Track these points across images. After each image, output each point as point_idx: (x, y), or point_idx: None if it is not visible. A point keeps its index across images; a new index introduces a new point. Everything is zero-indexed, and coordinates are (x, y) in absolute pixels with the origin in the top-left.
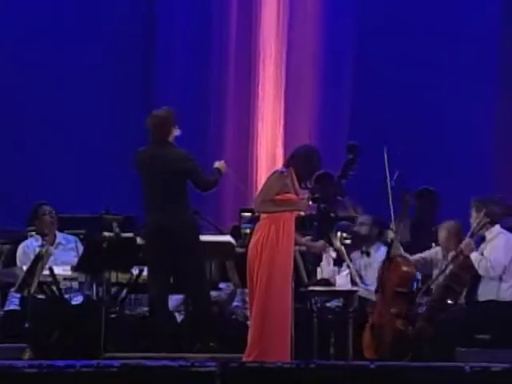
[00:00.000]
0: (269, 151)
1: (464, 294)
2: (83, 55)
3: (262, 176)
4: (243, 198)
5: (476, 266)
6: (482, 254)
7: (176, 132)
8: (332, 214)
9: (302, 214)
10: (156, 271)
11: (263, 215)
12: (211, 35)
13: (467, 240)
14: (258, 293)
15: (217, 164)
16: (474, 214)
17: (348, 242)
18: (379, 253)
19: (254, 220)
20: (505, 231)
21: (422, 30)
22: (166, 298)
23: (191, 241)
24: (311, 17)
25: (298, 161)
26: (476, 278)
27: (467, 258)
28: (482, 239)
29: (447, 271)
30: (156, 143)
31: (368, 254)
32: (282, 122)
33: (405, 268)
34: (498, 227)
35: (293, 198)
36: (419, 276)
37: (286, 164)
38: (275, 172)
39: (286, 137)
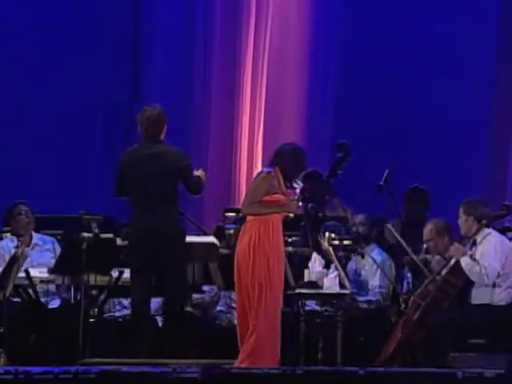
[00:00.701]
0: (250, 152)
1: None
2: (66, 53)
3: (244, 177)
4: (227, 198)
5: (467, 273)
6: (473, 258)
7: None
8: (320, 214)
9: (291, 215)
10: (140, 274)
11: (250, 217)
12: (195, 38)
13: (456, 245)
14: (251, 297)
15: (196, 172)
16: (463, 216)
17: (336, 242)
18: (372, 255)
19: (238, 220)
20: (494, 231)
21: (409, 28)
22: (149, 302)
23: (179, 244)
24: (295, 18)
25: (284, 159)
26: (469, 281)
27: (458, 261)
28: (473, 243)
29: (439, 275)
30: (147, 141)
31: (362, 256)
32: (261, 127)
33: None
34: (487, 228)
35: (282, 199)
36: (410, 278)
37: (271, 163)
38: (261, 172)
39: (265, 137)
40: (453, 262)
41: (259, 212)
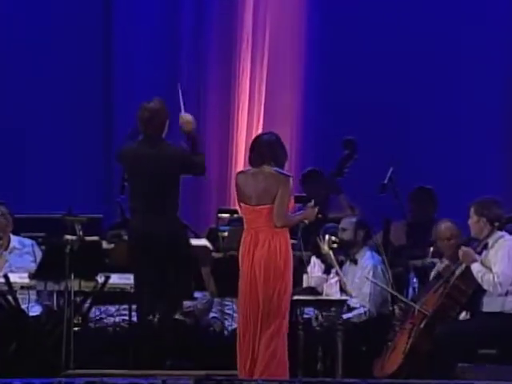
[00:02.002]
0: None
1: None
2: (40, 54)
3: None
4: (221, 197)
5: (479, 281)
6: (484, 264)
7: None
8: (319, 215)
9: (306, 221)
10: (143, 278)
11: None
12: (181, 26)
13: (465, 249)
14: (268, 309)
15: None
16: (474, 217)
17: (337, 246)
18: (365, 259)
19: (233, 222)
20: (507, 235)
21: (418, 21)
22: (154, 309)
23: (183, 248)
24: (290, 16)
25: (278, 152)
26: (479, 287)
27: (469, 267)
28: (484, 246)
29: (449, 281)
30: (148, 140)
31: (356, 262)
32: (260, 121)
33: None
34: (499, 231)
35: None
36: (416, 284)
37: (267, 160)
38: (279, 176)
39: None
40: (463, 267)
41: (292, 223)
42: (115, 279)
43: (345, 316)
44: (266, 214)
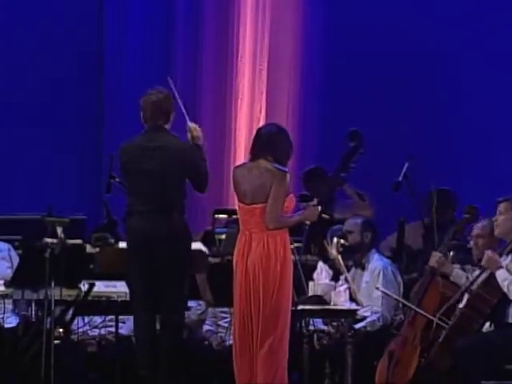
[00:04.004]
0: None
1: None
2: (27, 49)
3: None
4: (217, 197)
5: (504, 289)
6: (510, 271)
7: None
8: (326, 216)
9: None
10: (140, 286)
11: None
12: (175, 13)
13: (490, 253)
14: (265, 320)
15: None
16: (505, 214)
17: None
18: (373, 262)
19: (231, 224)
20: None
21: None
22: (154, 325)
23: (182, 251)
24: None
25: (277, 146)
26: (505, 296)
27: (492, 274)
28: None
29: (472, 289)
30: (151, 131)
31: (362, 267)
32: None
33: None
34: None
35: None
36: None
37: (259, 150)
38: (275, 172)
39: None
40: (487, 274)
41: (287, 225)
42: (101, 287)
43: (356, 326)
44: (259, 213)
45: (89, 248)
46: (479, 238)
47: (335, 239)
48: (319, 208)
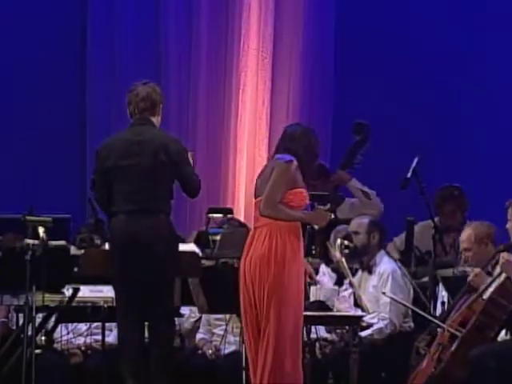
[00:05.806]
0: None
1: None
2: (11, 44)
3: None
4: (212, 196)
5: None
6: None
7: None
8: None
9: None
10: (125, 293)
11: (263, 221)
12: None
13: (506, 256)
14: (265, 326)
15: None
16: None
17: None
18: (382, 264)
19: (226, 223)
20: None
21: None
22: (142, 334)
23: (171, 254)
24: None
25: (299, 144)
26: None
27: (508, 278)
28: None
29: (485, 295)
30: (136, 124)
31: (370, 271)
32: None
33: None
34: None
35: (305, 197)
36: (446, 298)
37: (284, 150)
38: (276, 161)
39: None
40: (502, 278)
41: (277, 216)
42: (86, 292)
43: (362, 334)
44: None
45: (73, 250)
46: (467, 252)
47: (339, 240)
48: (331, 215)
